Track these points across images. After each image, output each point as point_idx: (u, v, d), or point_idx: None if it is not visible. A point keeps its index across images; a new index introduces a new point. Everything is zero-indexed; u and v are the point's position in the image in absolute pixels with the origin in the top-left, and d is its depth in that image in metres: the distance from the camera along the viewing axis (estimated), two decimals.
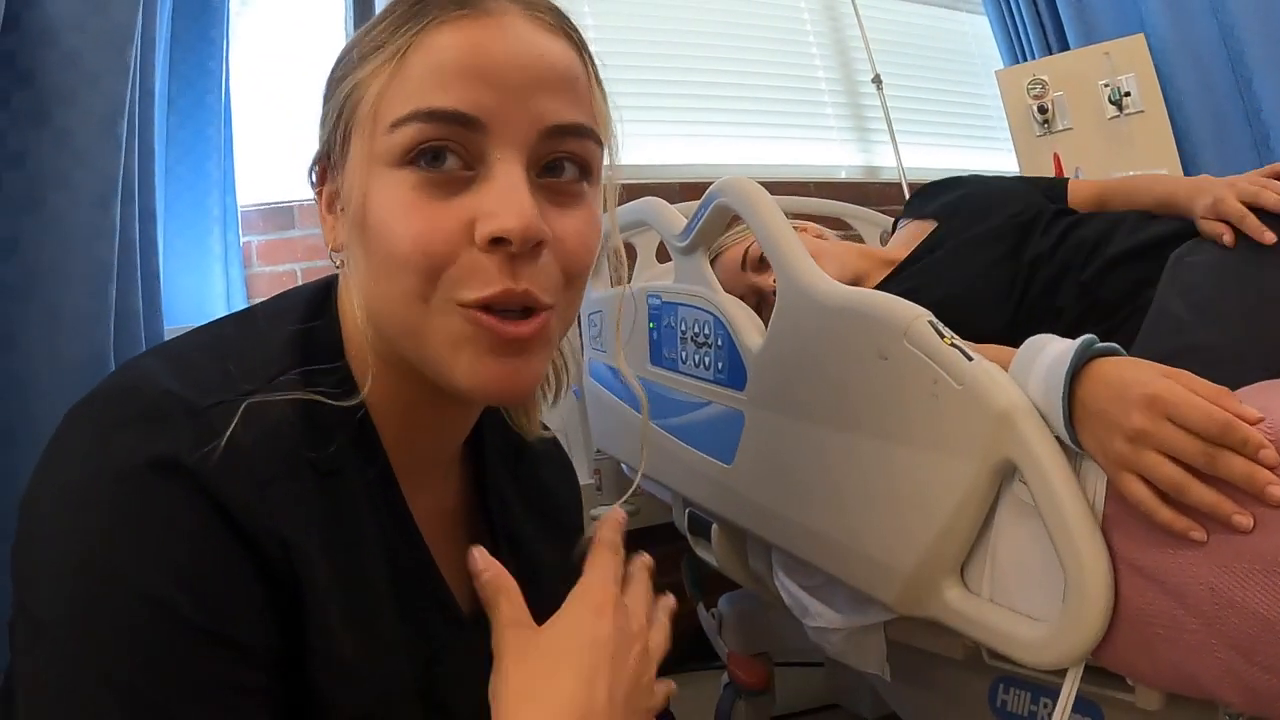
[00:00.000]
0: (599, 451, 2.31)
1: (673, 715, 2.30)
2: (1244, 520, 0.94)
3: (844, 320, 1.32)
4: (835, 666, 2.15)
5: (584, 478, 2.38)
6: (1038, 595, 1.12)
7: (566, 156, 0.83)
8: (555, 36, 0.83)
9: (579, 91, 0.85)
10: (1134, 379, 1.01)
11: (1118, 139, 3.63)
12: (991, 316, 1.60)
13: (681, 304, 1.75)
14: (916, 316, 1.21)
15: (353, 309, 0.86)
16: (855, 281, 1.83)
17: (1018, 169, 3.71)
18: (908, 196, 3.36)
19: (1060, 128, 3.67)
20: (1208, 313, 1.35)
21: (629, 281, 2.03)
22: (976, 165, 4.01)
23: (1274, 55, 3.47)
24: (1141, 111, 3.61)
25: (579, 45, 0.87)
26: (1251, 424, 0.94)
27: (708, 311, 1.64)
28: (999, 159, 4.03)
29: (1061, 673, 1.10)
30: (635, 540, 2.57)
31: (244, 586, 0.73)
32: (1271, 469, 0.92)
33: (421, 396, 0.86)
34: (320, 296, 0.91)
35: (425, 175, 0.78)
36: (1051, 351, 1.11)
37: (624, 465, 2.20)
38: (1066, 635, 1.06)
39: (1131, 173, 3.48)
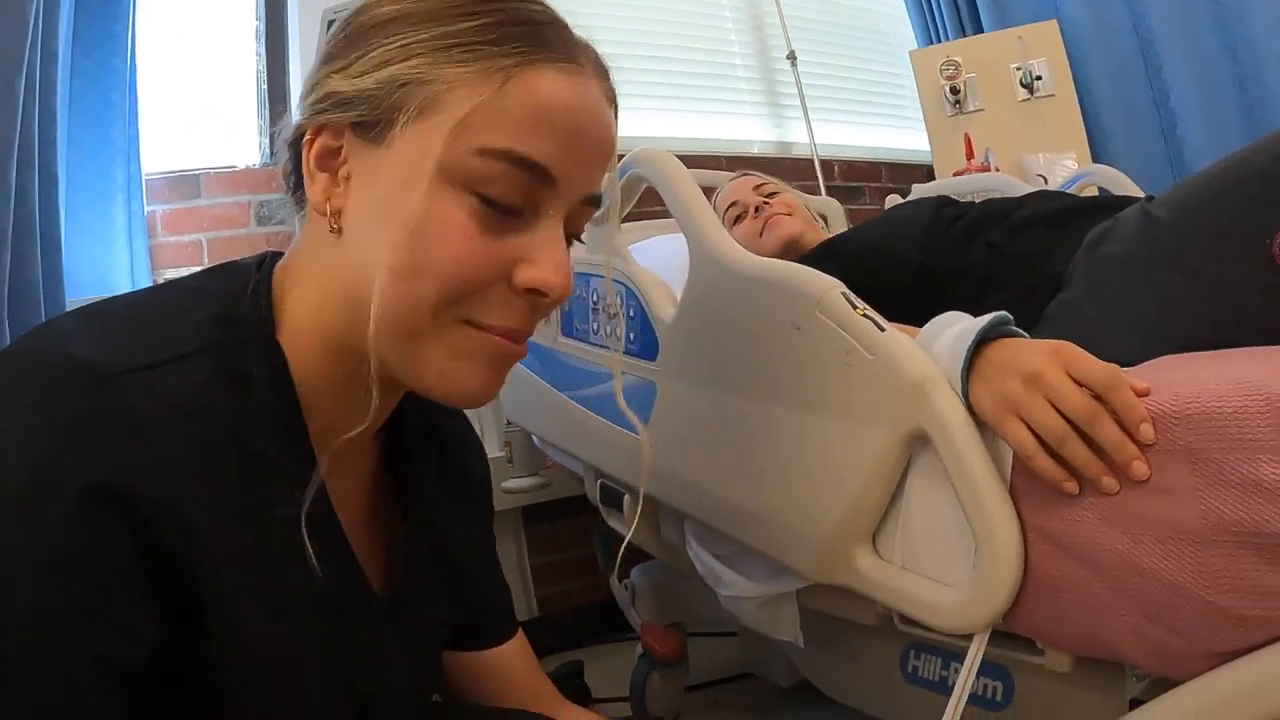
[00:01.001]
0: (509, 424, 2.29)
1: (588, 687, 2.32)
2: (1110, 483, 0.98)
3: (757, 291, 1.32)
4: (749, 636, 2.14)
5: (494, 450, 2.37)
6: (948, 562, 1.13)
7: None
8: (611, 109, 0.86)
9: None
10: (1042, 341, 1.06)
11: (1028, 121, 3.68)
12: (901, 272, 1.61)
13: (594, 275, 1.74)
14: (829, 288, 1.22)
15: (306, 281, 0.83)
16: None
17: (929, 148, 3.74)
18: (820, 173, 3.39)
19: (972, 109, 3.72)
20: (1110, 312, 1.36)
21: None
22: (888, 144, 4.05)
23: (1184, 44, 3.54)
24: (1052, 95, 3.67)
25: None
26: (1138, 394, 0.98)
27: (620, 282, 1.63)
28: (911, 138, 4.07)
29: (970, 637, 1.11)
30: (546, 512, 2.58)
31: (124, 568, 0.67)
32: (1147, 445, 0.96)
33: (355, 380, 0.81)
34: (253, 270, 0.85)
35: (488, 211, 0.77)
36: (964, 324, 1.13)
37: (535, 437, 2.18)
38: (977, 601, 1.07)
39: (1040, 155, 3.53)
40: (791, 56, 3.56)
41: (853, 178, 3.78)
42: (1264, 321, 1.15)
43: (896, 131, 4.15)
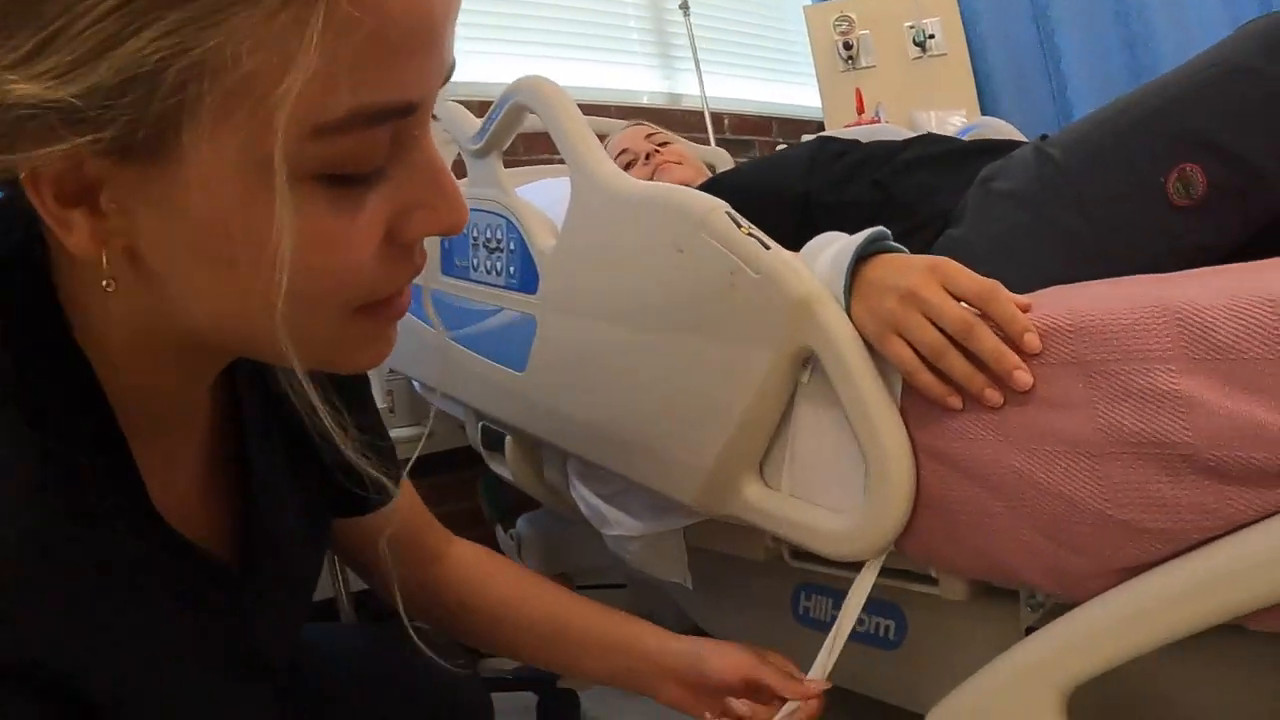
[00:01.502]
0: (391, 372, 2.20)
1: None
2: (993, 395, 0.95)
3: (640, 214, 1.26)
4: (638, 587, 2.11)
5: (378, 401, 2.28)
6: (838, 488, 1.08)
7: None
8: None
9: None
10: (919, 257, 1.03)
11: (919, 80, 3.67)
12: (783, 207, 1.56)
13: (474, 209, 1.66)
14: (713, 208, 1.16)
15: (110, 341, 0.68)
16: None
17: (820, 104, 3.71)
18: (710, 125, 3.34)
19: (864, 65, 3.69)
20: (1001, 249, 1.32)
21: None
22: (780, 98, 4.01)
23: (1077, 9, 3.55)
24: (944, 55, 3.66)
25: None
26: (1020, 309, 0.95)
27: (500, 215, 1.56)
28: (802, 93, 4.03)
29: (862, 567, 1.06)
30: (431, 465, 2.50)
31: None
32: (1033, 356, 0.93)
33: (168, 355, 0.70)
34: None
35: (351, 190, 0.59)
36: (841, 243, 1.09)
37: (415, 384, 2.10)
38: (870, 525, 1.02)
39: (931, 113, 3.52)
40: (684, 7, 3.48)
41: (743, 131, 3.73)
42: (1157, 261, 1.12)
43: (788, 86, 4.10)
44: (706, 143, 3.24)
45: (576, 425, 1.40)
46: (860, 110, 3.55)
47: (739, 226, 1.13)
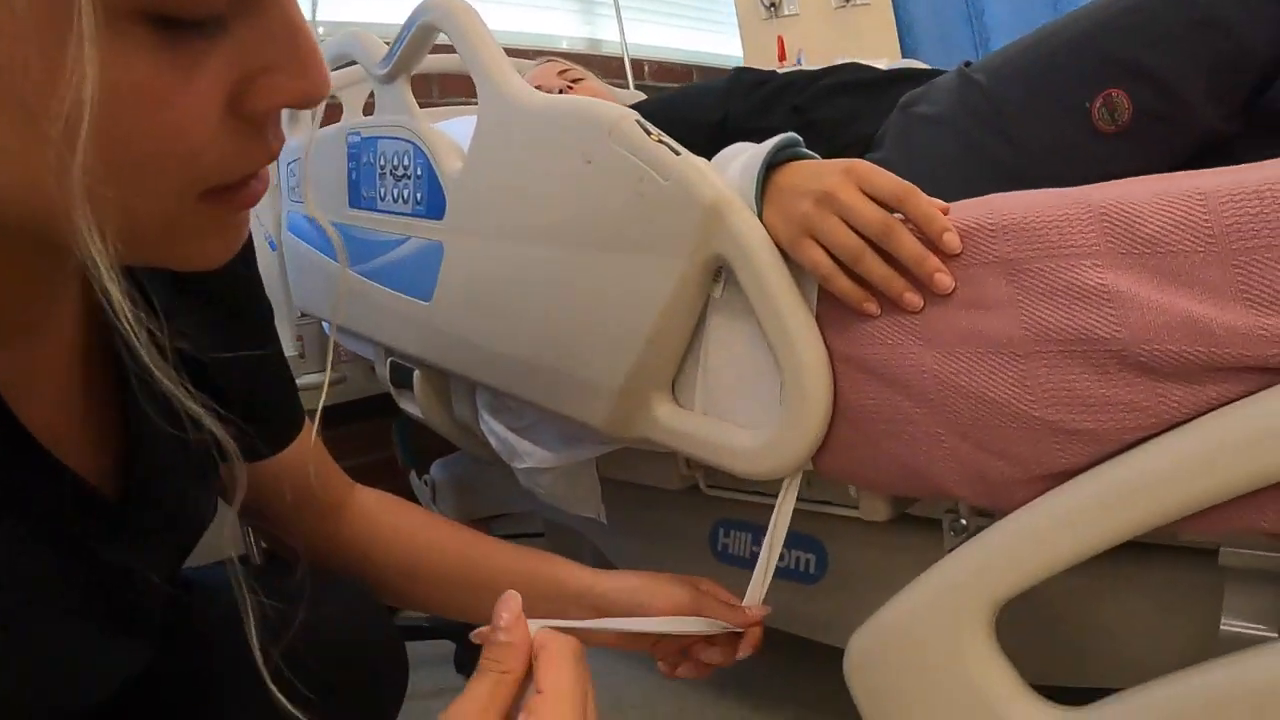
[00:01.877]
0: (303, 316, 2.12)
1: None
2: (913, 299, 0.90)
3: (547, 127, 1.19)
4: (556, 535, 2.06)
5: (288, 348, 2.19)
6: (753, 403, 1.03)
7: None
8: None
9: None
10: (832, 160, 0.98)
11: (842, 29, 3.62)
12: (699, 134, 1.50)
13: (381, 137, 1.58)
14: (623, 115, 1.09)
15: None
16: None
17: (741, 52, 3.66)
18: (630, 72, 3.27)
19: (787, 13, 3.63)
20: (923, 172, 1.24)
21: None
22: (702, 46, 3.95)
23: None
24: (867, 4, 3.61)
25: None
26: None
27: (407, 141, 1.48)
28: (724, 41, 3.97)
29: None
30: (346, 414, 2.41)
31: None
32: (953, 257, 0.88)
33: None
34: None
35: (183, 35, 0.47)
36: (751, 151, 1.04)
37: (325, 325, 2.02)
38: (786, 440, 0.97)
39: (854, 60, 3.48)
40: None
41: (663, 78, 3.66)
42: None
43: (710, 34, 4.04)
44: (625, 89, 3.18)
45: (484, 353, 1.33)
46: (782, 58, 3.50)
47: (648, 134, 1.07)
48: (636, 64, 3.41)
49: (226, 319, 0.87)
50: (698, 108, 1.56)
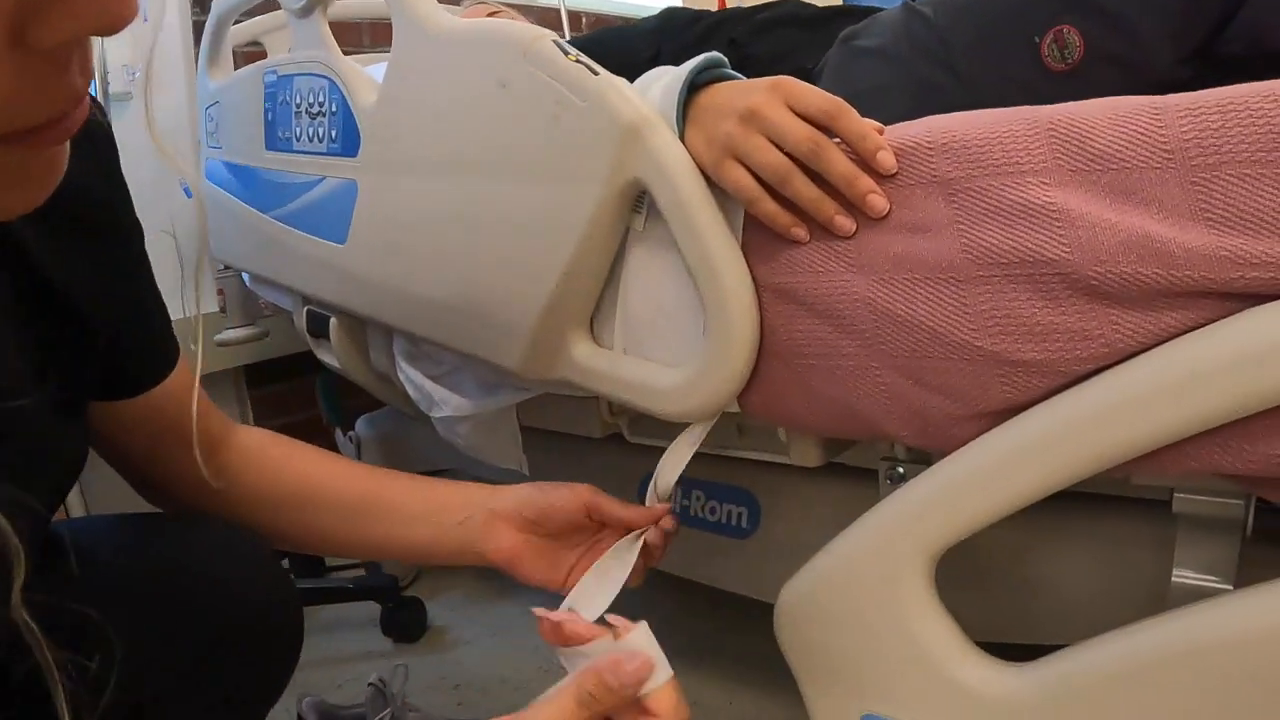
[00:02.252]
0: (225, 268, 2.01)
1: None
2: (844, 223, 0.83)
3: (462, 51, 1.10)
4: None
5: (210, 304, 2.09)
6: (675, 340, 0.95)
7: None
8: None
9: None
10: (758, 79, 0.90)
11: None
12: (633, 69, 1.43)
13: (298, 74, 1.49)
14: (539, 35, 1.01)
15: None
16: None
17: (681, 4, 3.57)
18: (567, 25, 3.18)
19: None
20: (866, 105, 1.17)
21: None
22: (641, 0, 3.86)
23: None
24: None
25: None
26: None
27: (323, 77, 1.39)
28: None
29: (709, 460, 0.94)
30: (271, 373, 2.32)
31: None
32: (888, 178, 0.81)
33: None
34: None
35: None
36: (673, 72, 0.95)
37: (245, 277, 1.92)
38: (709, 377, 0.90)
39: None
40: None
41: None
42: None
43: None
44: None
45: (398, 296, 1.24)
46: (722, 6, 3.41)
47: (566, 54, 0.98)
48: (574, 16, 3.32)
49: (88, 243, 0.78)
50: (629, 46, 1.48)
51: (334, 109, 1.37)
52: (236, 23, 1.84)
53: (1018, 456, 0.75)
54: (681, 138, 0.90)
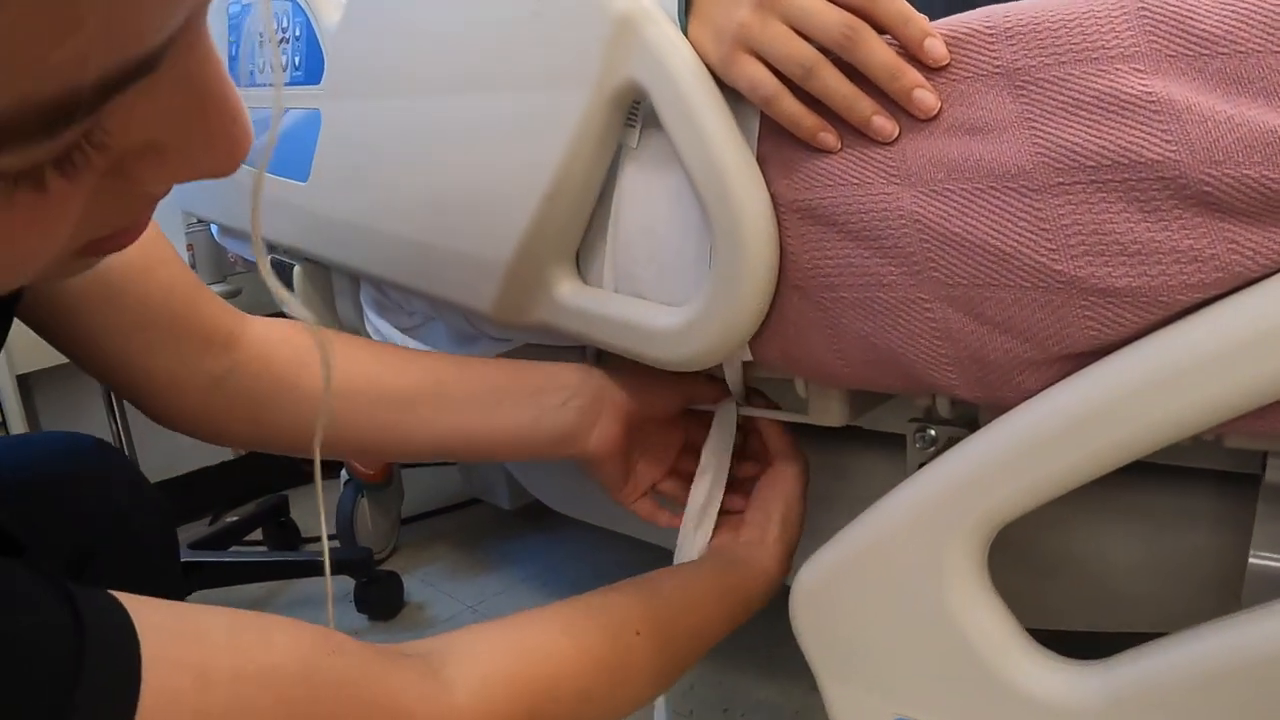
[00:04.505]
0: (197, 221, 1.83)
1: (295, 525, 1.94)
2: (885, 124, 0.65)
3: None
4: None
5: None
6: (675, 276, 0.78)
7: None
8: None
9: None
10: None
11: None
12: None
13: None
14: None
15: None
16: None
17: None
18: None
19: None
20: None
21: None
22: None
23: None
24: None
25: None
26: None
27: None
28: None
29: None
30: None
31: None
32: (938, 70, 0.63)
33: None
34: None
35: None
36: None
37: (213, 228, 1.74)
38: (717, 316, 0.72)
39: None
40: None
41: None
42: None
43: None
44: None
45: (362, 234, 1.07)
46: None
47: None
48: None
49: None
50: None
51: (298, 33, 1.20)
52: None
53: (1105, 410, 0.58)
54: (684, 32, 0.73)
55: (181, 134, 0.34)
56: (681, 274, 0.76)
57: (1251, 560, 0.70)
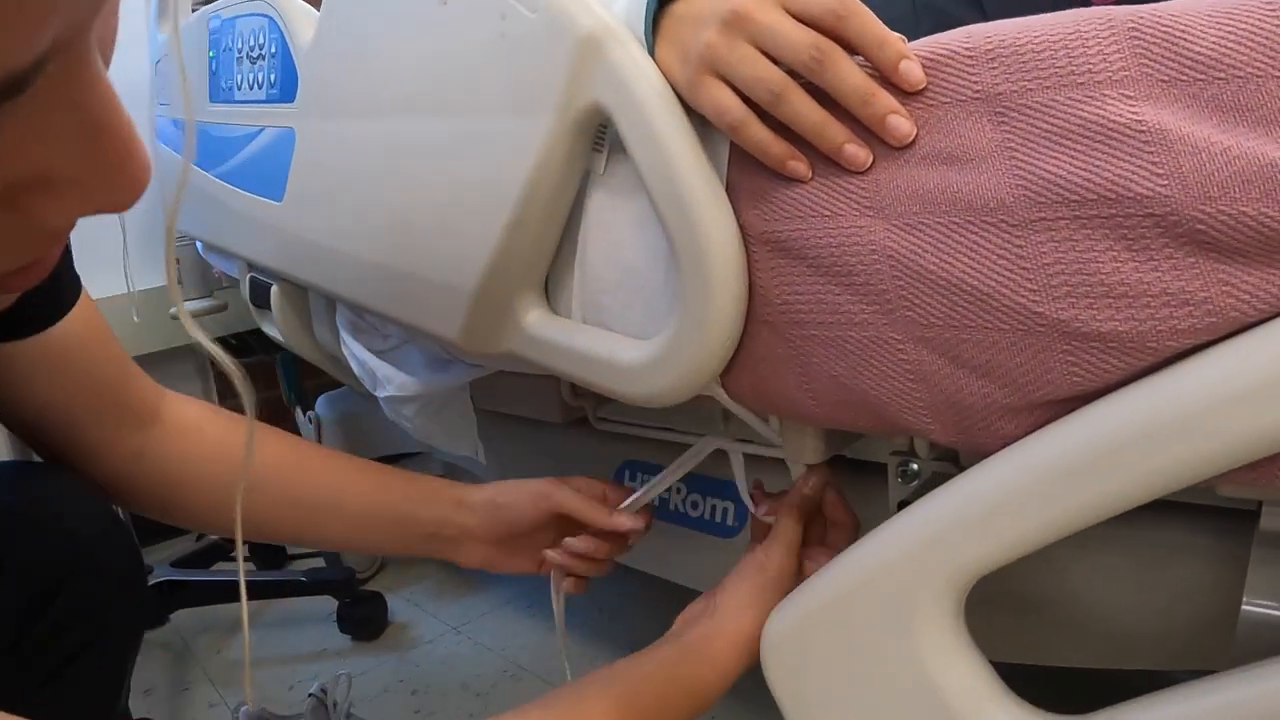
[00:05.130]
0: (181, 236, 1.79)
1: (282, 545, 1.89)
2: (858, 153, 0.60)
3: None
4: (455, 478, 1.78)
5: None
6: (643, 307, 0.74)
7: None
8: None
9: None
10: None
11: None
12: None
13: (240, 16, 1.28)
14: None
15: None
16: None
17: None
18: None
19: None
20: None
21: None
22: None
23: None
24: None
25: None
26: None
27: (264, 15, 1.18)
28: None
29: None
30: (233, 352, 2.09)
31: None
32: (914, 94, 0.59)
33: None
34: None
35: None
36: None
37: (198, 244, 1.70)
38: (683, 350, 0.68)
39: None
40: None
41: None
42: None
43: None
44: None
45: (335, 257, 1.03)
46: None
47: None
48: None
49: None
50: None
51: (274, 50, 1.17)
52: None
53: (1087, 463, 0.53)
54: (652, 54, 0.68)
55: (73, 166, 0.31)
56: (649, 305, 0.72)
57: (1244, 608, 0.66)
